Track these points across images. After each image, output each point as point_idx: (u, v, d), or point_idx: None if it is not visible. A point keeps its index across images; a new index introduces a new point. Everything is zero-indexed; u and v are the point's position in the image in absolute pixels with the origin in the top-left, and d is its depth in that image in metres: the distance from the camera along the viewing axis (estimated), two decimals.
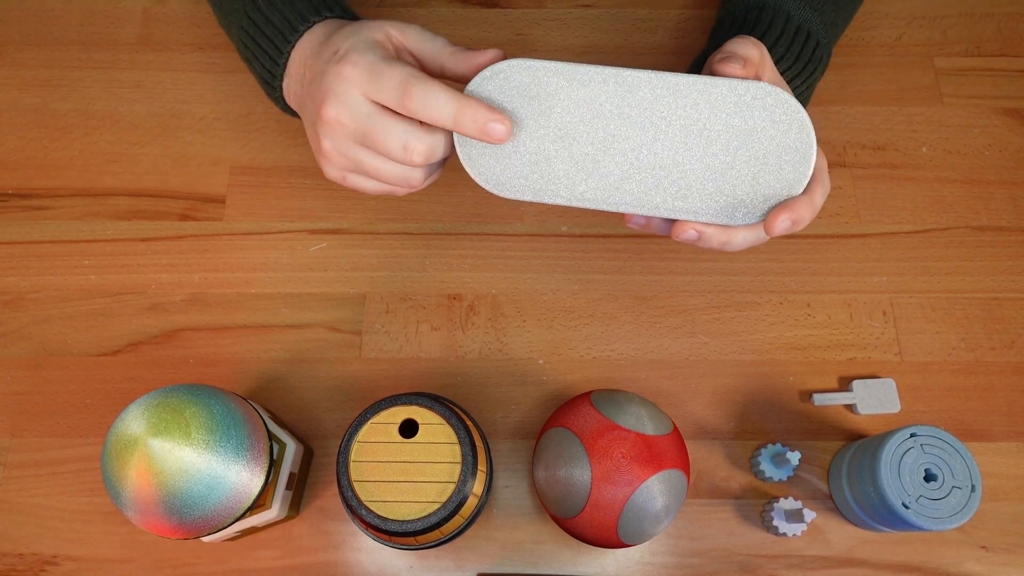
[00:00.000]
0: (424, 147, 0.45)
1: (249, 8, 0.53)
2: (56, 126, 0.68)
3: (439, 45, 0.48)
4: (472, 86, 0.45)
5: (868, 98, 0.69)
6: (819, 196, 0.45)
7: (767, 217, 0.44)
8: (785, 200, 0.44)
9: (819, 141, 0.67)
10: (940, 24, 0.72)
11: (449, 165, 0.66)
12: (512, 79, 0.45)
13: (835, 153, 0.67)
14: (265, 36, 0.52)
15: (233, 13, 0.55)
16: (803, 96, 0.57)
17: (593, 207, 0.46)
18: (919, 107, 0.69)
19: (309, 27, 0.51)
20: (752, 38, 0.48)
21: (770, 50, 0.55)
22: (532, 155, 0.46)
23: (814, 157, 0.44)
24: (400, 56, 0.48)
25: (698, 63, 0.57)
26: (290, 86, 0.52)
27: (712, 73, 0.46)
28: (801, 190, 0.44)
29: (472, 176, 0.46)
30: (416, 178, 0.48)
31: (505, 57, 0.46)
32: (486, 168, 0.46)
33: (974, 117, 0.68)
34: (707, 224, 0.46)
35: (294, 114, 0.55)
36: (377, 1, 0.72)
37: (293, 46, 0.51)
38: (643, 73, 0.44)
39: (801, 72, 0.56)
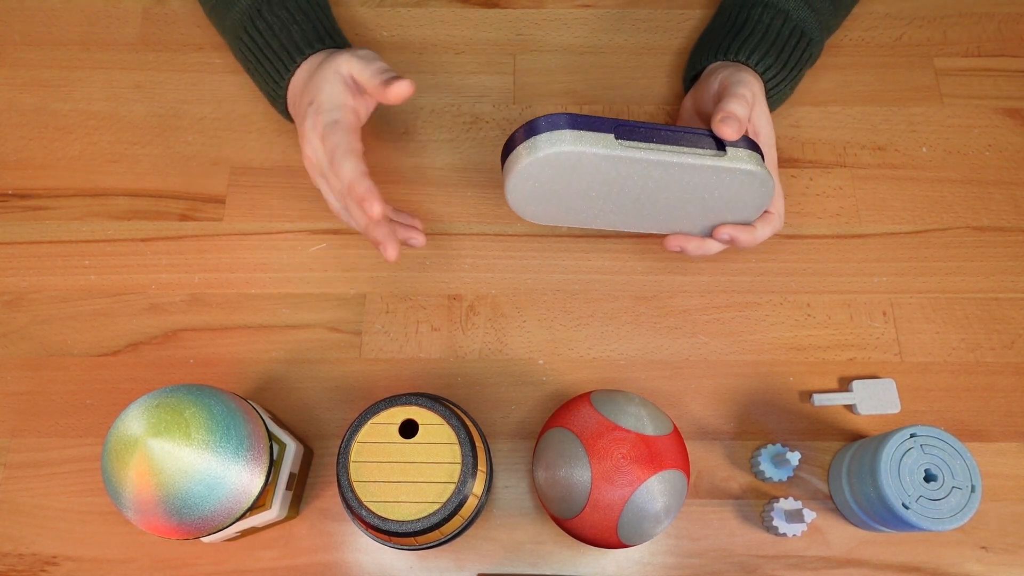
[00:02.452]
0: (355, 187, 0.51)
1: (248, 32, 0.59)
2: (56, 126, 0.68)
3: (368, 75, 0.53)
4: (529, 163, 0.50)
5: (868, 98, 0.69)
6: (761, 232, 0.55)
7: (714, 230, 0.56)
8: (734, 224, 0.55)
9: (819, 141, 0.67)
10: (940, 24, 0.72)
11: (448, 166, 0.67)
12: (562, 159, 0.49)
13: (835, 153, 0.67)
14: (265, 63, 0.59)
15: (230, 31, 0.61)
16: (784, 93, 0.61)
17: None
18: (919, 107, 0.69)
19: (305, 58, 0.57)
20: (751, 75, 0.56)
21: (762, 58, 0.58)
22: (559, 208, 0.53)
23: (768, 205, 0.55)
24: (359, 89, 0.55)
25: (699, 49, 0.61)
26: (290, 101, 0.59)
27: (717, 118, 0.51)
28: (752, 221, 0.55)
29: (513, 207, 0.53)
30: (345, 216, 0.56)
31: (414, 85, 0.52)
32: (526, 208, 0.53)
33: (974, 117, 0.68)
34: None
35: (292, 120, 0.60)
36: (377, 1, 0.72)
37: (293, 73, 0.58)
38: (663, 157, 0.49)
39: (788, 74, 0.59)
